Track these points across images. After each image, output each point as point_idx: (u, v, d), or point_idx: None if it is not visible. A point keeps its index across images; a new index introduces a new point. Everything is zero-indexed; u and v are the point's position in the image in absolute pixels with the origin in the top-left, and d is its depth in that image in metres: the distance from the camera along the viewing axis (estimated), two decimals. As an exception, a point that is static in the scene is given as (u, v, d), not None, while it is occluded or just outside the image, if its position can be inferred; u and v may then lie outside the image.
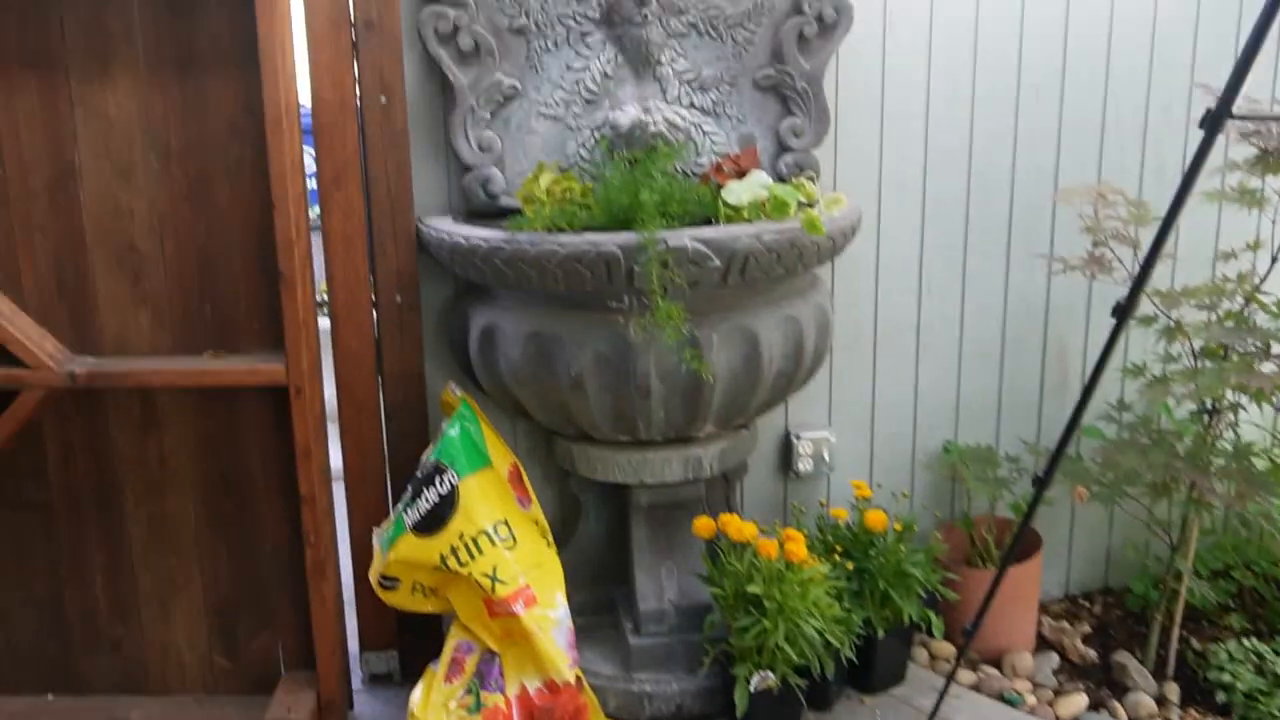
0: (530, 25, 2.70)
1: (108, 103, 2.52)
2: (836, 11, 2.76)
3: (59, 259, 2.61)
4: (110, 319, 2.64)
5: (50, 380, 2.57)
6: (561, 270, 2.37)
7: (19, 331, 2.56)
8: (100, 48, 2.49)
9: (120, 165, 2.55)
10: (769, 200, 2.51)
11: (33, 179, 2.56)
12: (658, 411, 2.55)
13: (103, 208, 2.58)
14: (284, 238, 2.47)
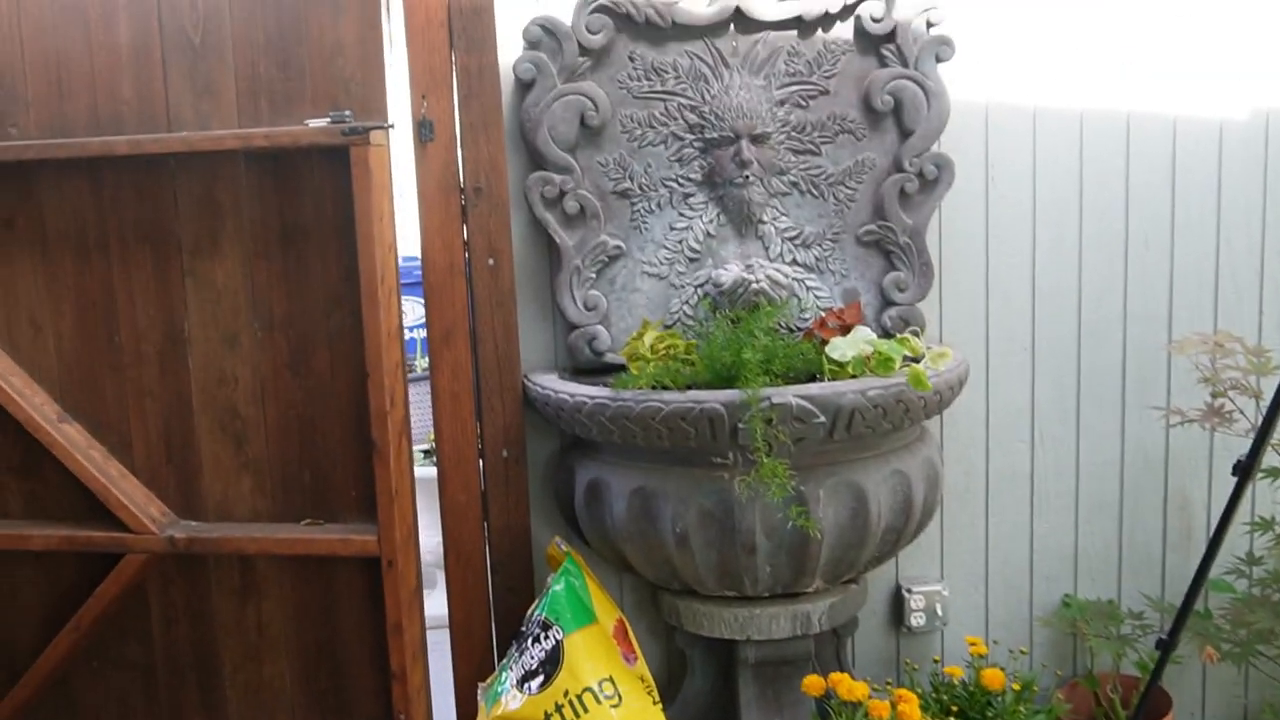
0: (634, 188, 2.77)
1: (216, 273, 2.59)
2: (938, 168, 2.78)
3: (168, 423, 2.66)
4: (214, 484, 2.68)
5: (151, 545, 2.59)
6: (665, 427, 2.39)
7: (124, 495, 2.60)
8: (210, 220, 2.56)
9: (226, 333, 2.61)
10: (874, 355, 2.50)
11: (145, 345, 2.63)
12: (764, 567, 2.52)
13: (209, 374, 2.63)
14: (377, 408, 2.46)
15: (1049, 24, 2.91)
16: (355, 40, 2.41)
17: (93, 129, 2.55)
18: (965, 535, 3.08)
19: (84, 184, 2.59)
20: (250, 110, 2.52)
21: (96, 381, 2.64)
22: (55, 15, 2.54)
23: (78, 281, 2.62)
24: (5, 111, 2.57)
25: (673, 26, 2.72)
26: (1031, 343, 3.01)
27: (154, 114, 2.54)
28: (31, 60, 2.56)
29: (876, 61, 2.78)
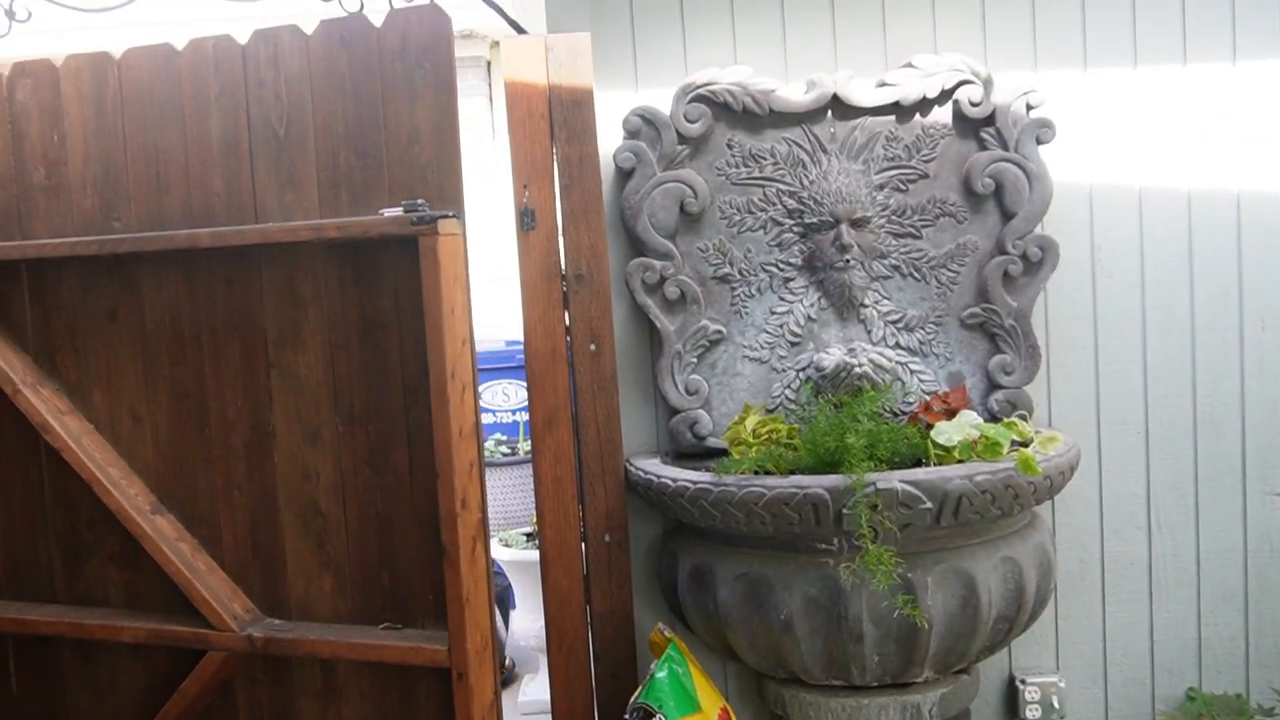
0: (734, 273, 2.79)
1: (299, 365, 2.52)
2: (1042, 250, 2.75)
3: (254, 518, 2.59)
4: (297, 581, 2.58)
5: (231, 643, 2.52)
6: (769, 513, 2.37)
7: (208, 591, 2.55)
8: (292, 311, 2.51)
9: (309, 427, 2.53)
10: (981, 440, 2.46)
11: (234, 438, 2.58)
12: (871, 656, 2.46)
13: (293, 469, 2.55)
14: (447, 511, 2.33)
15: (1152, 103, 2.88)
16: (430, 127, 2.34)
17: (186, 221, 2.56)
18: (1081, 625, 2.98)
19: (179, 276, 2.57)
20: (331, 200, 2.48)
21: (190, 473, 2.61)
22: (154, 111, 2.55)
23: (172, 372, 2.61)
24: (111, 205, 2.59)
25: (770, 114, 2.76)
26: (1145, 426, 2.93)
27: (242, 206, 2.54)
28: (133, 155, 2.58)
29: (976, 145, 2.77)
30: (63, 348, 2.64)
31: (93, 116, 2.57)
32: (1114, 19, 2.87)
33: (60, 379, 2.65)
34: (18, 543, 2.72)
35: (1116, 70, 2.87)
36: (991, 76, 2.74)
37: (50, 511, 2.67)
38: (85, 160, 2.59)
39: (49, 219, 2.62)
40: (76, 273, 2.62)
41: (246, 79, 2.44)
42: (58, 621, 2.62)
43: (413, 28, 2.34)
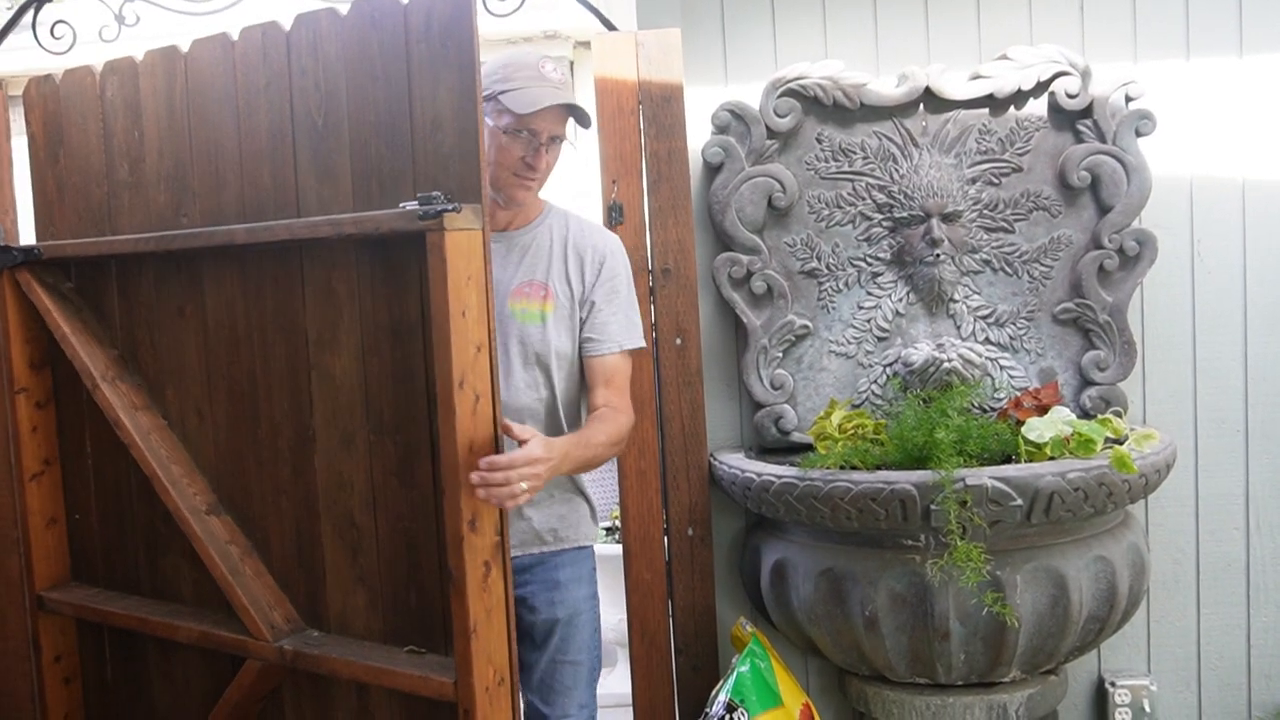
0: (821, 268, 2.78)
1: (335, 367, 2.33)
2: (1139, 244, 2.69)
3: (298, 525, 2.43)
4: (335, 594, 2.40)
5: (266, 653, 2.38)
6: (854, 508, 2.36)
7: (248, 597, 2.42)
8: (330, 311, 2.33)
9: (345, 434, 2.33)
10: (1073, 437, 2.42)
11: (280, 441, 2.43)
12: (957, 654, 2.44)
13: (330, 477, 2.36)
14: (453, 532, 2.07)
15: (1258, 93, 2.81)
16: (452, 114, 2.11)
17: (240, 217, 2.42)
18: (1174, 627, 2.92)
19: (235, 273, 2.46)
20: (364, 193, 2.27)
21: (245, 474, 2.49)
22: (214, 105, 2.45)
23: (230, 371, 2.49)
24: (180, 201, 2.51)
25: (861, 108, 2.74)
26: (1245, 424, 2.86)
27: (287, 200, 2.37)
28: (198, 150, 2.48)
29: (1072, 137, 2.72)
30: (144, 342, 2.62)
31: (165, 112, 2.52)
32: (1219, 7, 2.80)
33: (141, 374, 2.63)
34: (110, 532, 2.73)
35: (1221, 59, 2.80)
36: (1089, 68, 2.69)
37: (135, 503, 2.66)
38: (160, 156, 2.54)
39: (131, 215, 2.59)
40: (153, 268, 2.59)
41: (290, 68, 2.32)
42: (129, 615, 2.61)
43: (436, 4, 2.13)
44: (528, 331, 2.32)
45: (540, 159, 2.26)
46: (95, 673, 2.84)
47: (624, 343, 2.37)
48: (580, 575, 2.45)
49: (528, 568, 2.39)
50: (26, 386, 2.71)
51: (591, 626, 2.47)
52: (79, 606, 2.69)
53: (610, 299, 2.36)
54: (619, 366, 2.37)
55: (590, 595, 2.48)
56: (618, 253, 2.40)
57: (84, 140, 2.63)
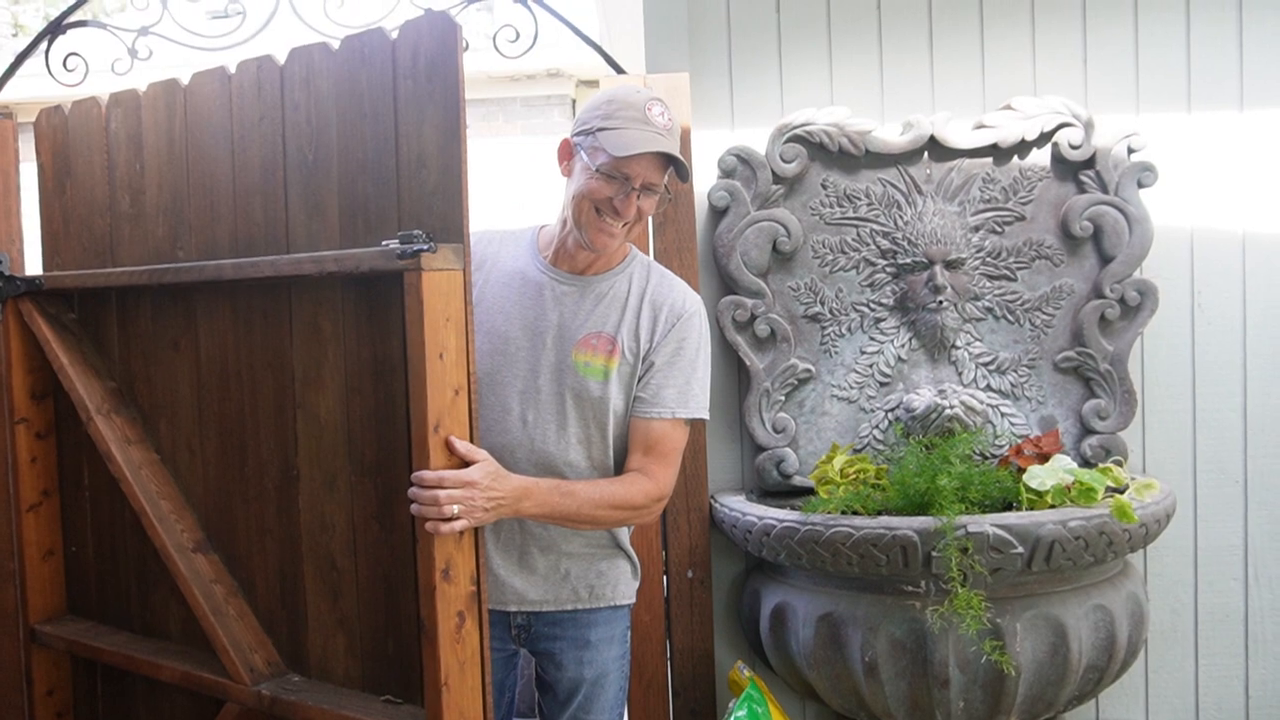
0: (825, 312, 2.79)
1: (320, 406, 2.28)
2: (1140, 294, 2.71)
3: (282, 566, 2.38)
4: (316, 638, 2.34)
5: (243, 697, 2.33)
6: (856, 553, 2.36)
7: (229, 639, 2.36)
8: (315, 349, 2.29)
9: (327, 474, 2.28)
10: (1074, 485, 2.43)
11: (266, 480, 2.38)
12: (956, 702, 2.43)
13: (313, 517, 2.30)
14: (425, 581, 2.00)
15: (1258, 146, 2.84)
16: (436, 151, 2.07)
17: (233, 252, 2.39)
18: (1173, 678, 2.91)
19: (227, 309, 2.43)
20: (350, 230, 2.22)
21: (232, 513, 2.45)
22: (210, 139, 2.42)
23: (220, 407, 2.45)
24: (177, 234, 2.49)
25: (866, 155, 2.76)
26: (1244, 475, 2.87)
27: (277, 236, 2.34)
28: (194, 184, 2.46)
29: (1075, 188, 2.75)
30: (140, 375, 2.59)
31: (165, 145, 2.50)
32: (1220, 61, 2.83)
33: (137, 407, 2.60)
34: (104, 566, 2.71)
35: (1222, 113, 2.83)
36: (1092, 119, 2.72)
37: (128, 538, 2.62)
38: (159, 189, 2.51)
39: (131, 247, 2.57)
40: (150, 301, 2.56)
41: (284, 102, 2.29)
42: (117, 653, 2.56)
43: (423, 39, 2.10)
44: (587, 386, 2.16)
45: (629, 206, 2.10)
46: (88, 708, 2.80)
47: (677, 410, 2.17)
48: (612, 635, 2.30)
49: (559, 623, 2.26)
50: (27, 417, 2.70)
51: (618, 686, 2.34)
52: (71, 641, 2.66)
53: (673, 361, 2.18)
54: (666, 435, 2.17)
55: (620, 656, 2.33)
56: (695, 314, 2.21)
57: (89, 172, 2.63)
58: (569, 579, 2.24)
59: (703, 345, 2.21)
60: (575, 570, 2.24)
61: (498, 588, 2.21)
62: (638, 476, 2.15)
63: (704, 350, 2.21)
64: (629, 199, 2.10)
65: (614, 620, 2.30)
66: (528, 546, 2.20)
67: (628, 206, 2.10)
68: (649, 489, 2.15)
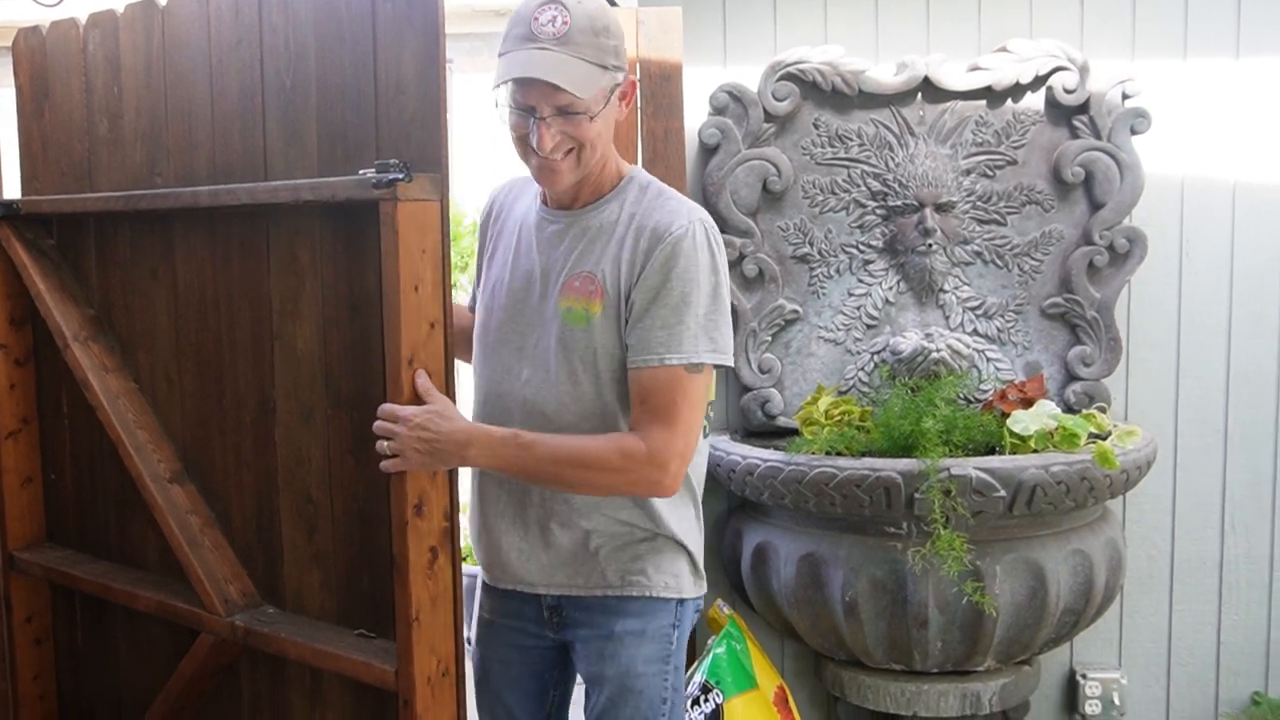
0: (813, 253, 2.78)
1: (297, 338, 2.26)
2: (1130, 241, 2.71)
3: (259, 498, 2.36)
4: (292, 571, 2.33)
5: (218, 628, 2.33)
6: (839, 494, 2.37)
7: (204, 570, 2.35)
8: (293, 280, 2.26)
9: (304, 407, 2.26)
10: (1058, 430, 2.44)
11: (243, 412, 2.36)
12: (934, 642, 2.46)
13: (289, 450, 2.29)
14: (398, 516, 1.98)
15: (1253, 96, 2.82)
16: (416, 77, 2.01)
17: (211, 179, 2.36)
18: (1147, 623, 2.95)
19: (205, 236, 2.39)
20: (329, 158, 2.18)
21: (209, 444, 2.43)
22: (188, 62, 2.37)
23: (198, 337, 2.43)
24: (155, 160, 2.45)
25: (859, 95, 2.74)
26: (1225, 425, 2.89)
27: (255, 164, 2.29)
28: (173, 109, 2.41)
29: (1068, 133, 2.73)
30: (118, 304, 2.56)
31: (143, 68, 2.44)
32: (1218, 8, 2.81)
33: (115, 335, 2.57)
34: (83, 494, 2.70)
35: (1218, 61, 2.81)
36: (1088, 63, 2.70)
37: (107, 466, 2.59)
38: (137, 113, 2.46)
39: (109, 172, 2.52)
40: (129, 228, 2.52)
41: (261, 25, 2.23)
42: (94, 581, 2.55)
43: None
44: (573, 336, 1.90)
45: (543, 138, 1.81)
46: (66, 635, 2.80)
47: (667, 355, 1.82)
48: (644, 631, 1.97)
49: (588, 608, 1.99)
50: (5, 343, 2.66)
51: (658, 698, 1.99)
52: (49, 569, 2.66)
53: (659, 294, 1.84)
54: (658, 385, 1.84)
55: (659, 659, 1.99)
56: (686, 235, 1.83)
57: (67, 94, 2.58)
58: (598, 558, 1.96)
59: (698, 271, 1.84)
60: (606, 550, 1.96)
61: (522, 566, 2.01)
62: (622, 435, 1.88)
63: (702, 277, 1.84)
64: (540, 131, 1.82)
65: (650, 614, 1.97)
66: (547, 522, 1.98)
67: (541, 139, 1.82)
68: (631, 448, 1.83)
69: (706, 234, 1.86)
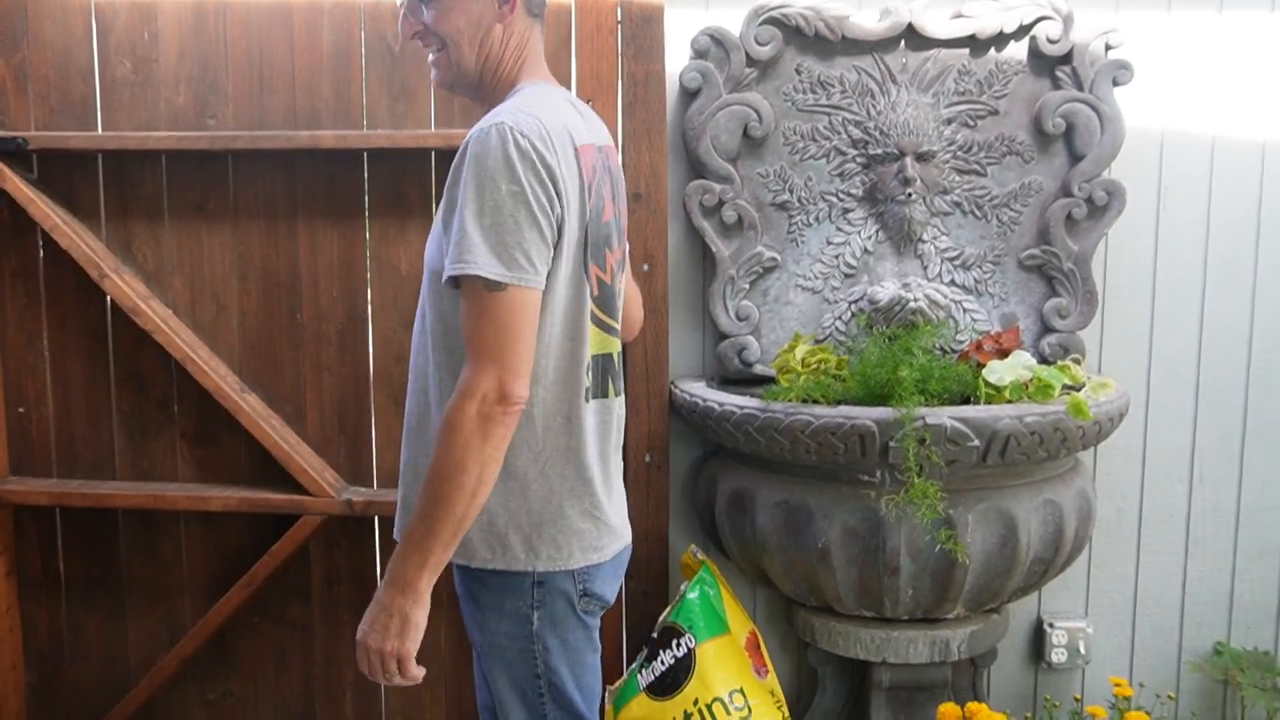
0: (793, 200, 2.77)
1: (400, 259, 2.76)
2: (1108, 194, 2.71)
3: (342, 398, 2.82)
4: (385, 453, 2.82)
5: (328, 507, 2.75)
6: (814, 441, 2.38)
7: (304, 461, 2.75)
8: (398, 211, 2.72)
9: (406, 316, 2.75)
10: (1033, 382, 2.45)
11: (326, 325, 2.80)
12: (906, 590, 2.48)
13: (387, 352, 2.79)
14: None
15: (1234, 50, 2.82)
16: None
17: (289, 124, 2.73)
18: (1114, 573, 2.99)
19: (278, 172, 2.76)
20: (445, 113, 2.69)
21: (276, 357, 2.83)
22: (260, 17, 2.71)
23: (264, 262, 2.80)
24: (206, 103, 2.75)
25: (842, 41, 2.71)
26: (1196, 379, 2.91)
27: (349, 113, 2.72)
28: (234, 57, 2.73)
29: (1050, 83, 2.72)
30: (140, 236, 2.81)
31: (191, 18, 2.72)
32: (1202, -40, 2.80)
33: (136, 266, 2.82)
34: (76, 423, 2.88)
35: (1201, 13, 2.80)
36: (1072, 13, 2.68)
37: (116, 392, 2.86)
38: (180, 58, 2.73)
39: (133, 112, 2.75)
40: (162, 165, 2.79)
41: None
42: (136, 494, 2.79)
43: None
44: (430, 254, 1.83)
45: (400, 26, 1.87)
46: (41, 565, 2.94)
47: (451, 267, 1.67)
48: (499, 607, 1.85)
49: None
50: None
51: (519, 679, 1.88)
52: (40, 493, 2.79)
53: (449, 207, 1.70)
54: (458, 306, 1.71)
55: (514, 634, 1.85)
56: (477, 139, 1.67)
57: (62, 34, 2.74)
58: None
59: (483, 174, 1.65)
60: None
61: None
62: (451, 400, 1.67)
63: (486, 180, 1.65)
64: (401, 19, 1.87)
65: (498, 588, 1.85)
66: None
67: (400, 26, 1.87)
68: (454, 406, 1.65)
69: (506, 135, 1.65)
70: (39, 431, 2.88)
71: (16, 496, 2.81)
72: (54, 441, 2.88)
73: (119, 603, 2.96)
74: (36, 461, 2.89)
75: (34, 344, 2.85)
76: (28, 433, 2.88)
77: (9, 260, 2.82)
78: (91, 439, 2.88)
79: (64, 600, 2.96)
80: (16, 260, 2.82)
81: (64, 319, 2.84)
